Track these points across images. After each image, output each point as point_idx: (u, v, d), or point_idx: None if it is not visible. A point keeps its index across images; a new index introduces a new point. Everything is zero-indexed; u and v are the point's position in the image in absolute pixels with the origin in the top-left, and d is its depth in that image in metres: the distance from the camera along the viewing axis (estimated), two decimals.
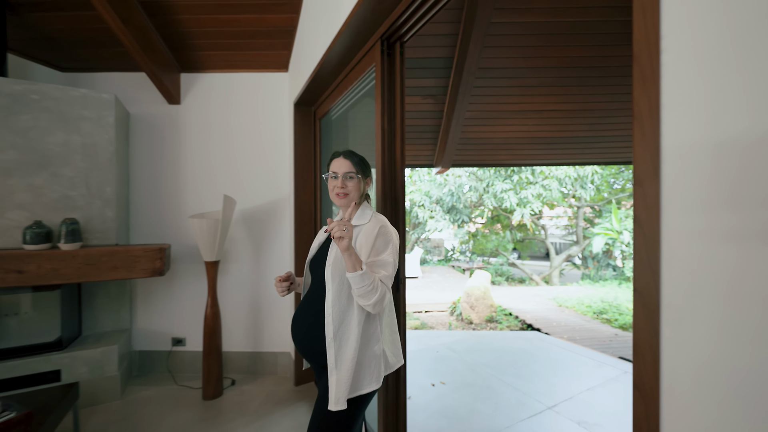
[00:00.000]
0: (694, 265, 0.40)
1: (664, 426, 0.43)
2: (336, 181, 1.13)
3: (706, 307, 0.39)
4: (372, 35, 1.51)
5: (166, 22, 2.31)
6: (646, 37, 0.44)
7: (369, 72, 1.61)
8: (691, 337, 0.41)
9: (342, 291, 1.04)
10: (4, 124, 2.00)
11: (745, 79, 0.35)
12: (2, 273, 1.83)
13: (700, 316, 0.40)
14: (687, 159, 0.40)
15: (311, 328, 1.10)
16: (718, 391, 0.38)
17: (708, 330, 0.39)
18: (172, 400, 2.27)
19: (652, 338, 0.43)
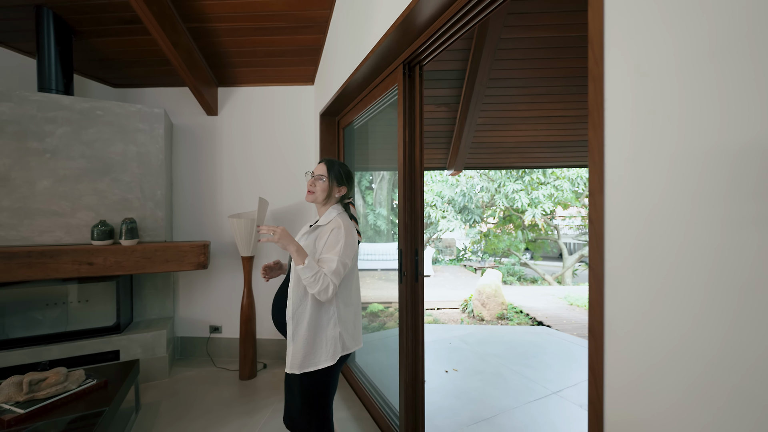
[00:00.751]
0: (623, 252, 0.62)
1: (607, 355, 0.64)
2: (308, 179, 1.39)
3: (629, 278, 0.61)
4: (395, 60, 1.74)
5: (208, 44, 2.60)
6: (596, 100, 0.65)
7: (390, 91, 1.85)
8: (621, 297, 0.62)
9: (300, 280, 1.27)
10: (75, 136, 2.32)
11: (649, 136, 0.57)
12: (77, 264, 2.14)
13: (626, 284, 0.61)
14: (618, 180, 0.62)
15: (281, 306, 1.34)
16: (637, 330, 0.59)
17: (631, 292, 0.61)
18: (213, 380, 2.56)
19: (600, 298, 0.65)
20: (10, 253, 2.01)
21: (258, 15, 2.38)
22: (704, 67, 0.51)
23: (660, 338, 0.57)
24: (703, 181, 0.52)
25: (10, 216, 2.17)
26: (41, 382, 1.63)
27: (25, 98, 2.21)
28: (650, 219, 0.58)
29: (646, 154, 0.58)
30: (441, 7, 1.30)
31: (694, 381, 0.53)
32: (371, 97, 2.07)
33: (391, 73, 1.80)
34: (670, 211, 0.56)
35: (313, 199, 1.37)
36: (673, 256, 0.55)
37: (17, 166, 2.19)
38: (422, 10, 1.32)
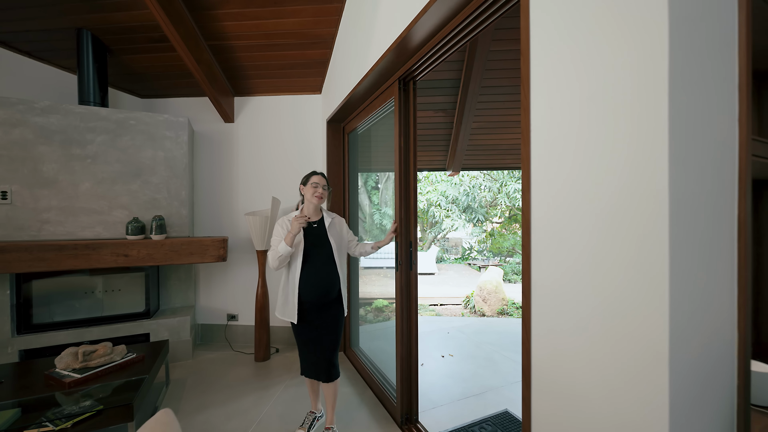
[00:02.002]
0: (542, 239, 0.86)
1: (534, 308, 0.88)
2: (318, 189, 1.82)
3: (545, 254, 0.85)
4: (392, 76, 1.99)
5: (226, 59, 2.89)
6: (525, 123, 0.89)
7: (389, 102, 2.10)
8: (541, 267, 0.86)
9: (342, 258, 1.86)
10: (111, 144, 2.62)
11: (556, 148, 0.81)
12: (115, 256, 2.45)
13: (545, 258, 0.85)
14: (538, 180, 0.86)
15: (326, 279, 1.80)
16: (551, 288, 0.83)
17: (547, 264, 0.85)
18: (231, 361, 2.84)
19: (528, 267, 0.89)
20: (60, 245, 2.31)
21: (271, 33, 2.66)
22: (583, 104, 0.76)
23: (561, 293, 0.81)
24: (582, 181, 0.76)
25: (57, 214, 2.48)
26: (92, 353, 1.92)
27: (70, 110, 2.52)
28: (554, 206, 0.82)
29: (555, 160, 0.83)
30: (431, 32, 1.55)
31: (580, 329, 0.77)
32: (372, 107, 2.33)
33: (388, 88, 2.05)
34: (565, 203, 0.80)
35: (322, 203, 1.87)
36: (567, 237, 0.79)
37: (64, 170, 2.50)
38: (415, 34, 1.56)
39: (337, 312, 1.84)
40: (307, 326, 1.80)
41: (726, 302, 0.75)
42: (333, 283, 1.82)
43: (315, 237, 1.83)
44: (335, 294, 1.83)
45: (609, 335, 0.72)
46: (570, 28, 0.79)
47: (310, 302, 1.78)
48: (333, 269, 1.82)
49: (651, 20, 0.65)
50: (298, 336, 1.86)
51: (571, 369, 0.80)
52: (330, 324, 1.81)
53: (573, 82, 0.78)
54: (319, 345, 1.81)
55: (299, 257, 1.79)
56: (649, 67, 0.66)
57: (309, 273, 1.78)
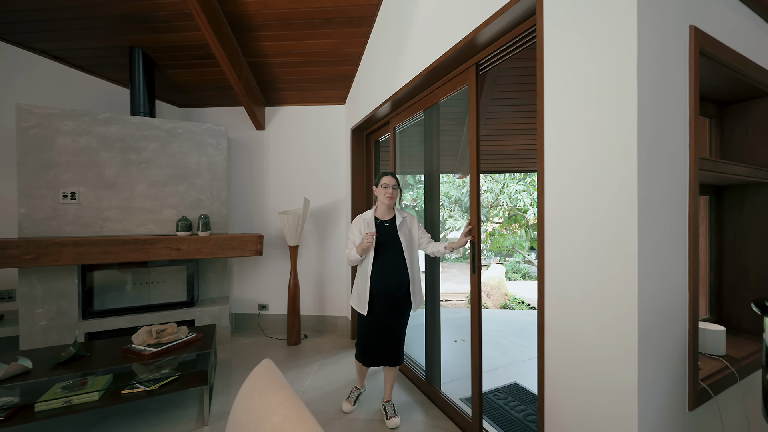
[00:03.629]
0: (552, 229, 1.19)
1: (546, 279, 1.22)
2: (389, 189, 1.96)
3: (554, 239, 1.18)
4: (419, 94, 2.31)
5: (261, 73, 3.21)
6: (540, 145, 1.22)
7: (418, 114, 2.42)
8: (551, 250, 1.19)
9: (412, 256, 1.98)
10: (162, 150, 2.94)
11: (562, 164, 1.14)
12: (169, 250, 2.77)
13: (554, 241, 1.18)
14: (550, 186, 1.19)
15: (396, 275, 1.94)
16: (556, 265, 1.17)
17: (555, 247, 1.18)
18: (266, 345, 3.17)
19: (542, 250, 1.22)
20: (123, 240, 2.63)
21: (305, 52, 2.99)
22: (584, 133, 1.09)
23: (564, 270, 1.14)
24: (580, 187, 1.09)
25: (117, 212, 2.81)
26: (163, 332, 2.24)
27: (128, 121, 2.84)
28: (560, 206, 1.15)
29: (562, 172, 1.16)
30: (452, 65, 1.87)
31: (579, 291, 1.10)
32: (395, 120, 2.66)
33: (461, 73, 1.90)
34: (568, 203, 1.13)
35: (393, 203, 1.99)
36: (570, 227, 1.12)
37: (122, 174, 2.82)
38: (438, 67, 1.89)
39: (406, 306, 1.96)
40: (375, 318, 1.93)
41: (680, 276, 1.09)
42: (402, 279, 1.93)
43: (386, 235, 1.95)
44: (404, 290, 1.93)
45: (598, 294, 1.05)
46: (573, 81, 1.12)
47: (379, 296, 1.92)
48: (403, 266, 1.93)
49: (626, 81, 0.98)
50: (366, 326, 1.96)
51: (572, 319, 1.13)
52: (398, 317, 1.95)
53: (573, 119, 1.12)
54: (386, 336, 1.94)
55: (371, 254, 1.94)
56: (624, 113, 0.99)
57: (379, 269, 1.92)
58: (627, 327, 0.98)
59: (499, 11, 1.40)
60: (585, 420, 1.10)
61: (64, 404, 1.73)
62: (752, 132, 1.58)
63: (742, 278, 1.60)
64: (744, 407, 1.30)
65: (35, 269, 2.57)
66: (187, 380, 2.00)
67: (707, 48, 1.15)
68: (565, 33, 1.15)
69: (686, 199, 1.10)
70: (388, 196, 1.94)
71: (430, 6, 1.95)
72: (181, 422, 2.00)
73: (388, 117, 2.75)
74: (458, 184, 9.37)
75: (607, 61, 1.03)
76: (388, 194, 1.94)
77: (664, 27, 1.04)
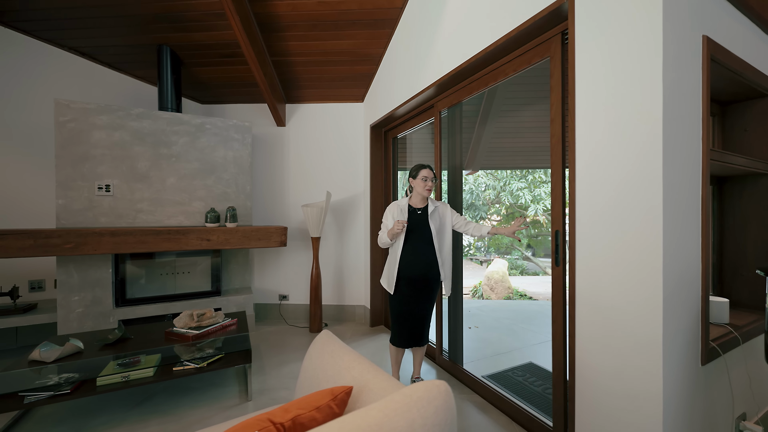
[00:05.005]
0: (586, 238, 1.36)
1: (577, 252, 1.39)
2: (428, 182, 2.08)
3: (584, 230, 1.35)
4: (430, 101, 2.47)
5: (285, 71, 3.34)
6: (572, 141, 1.40)
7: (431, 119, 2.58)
8: (581, 239, 1.37)
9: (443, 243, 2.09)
10: (192, 145, 3.06)
11: (589, 163, 1.31)
12: (199, 240, 2.89)
13: (584, 252, 1.36)
14: (582, 179, 1.36)
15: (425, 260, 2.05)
16: (587, 254, 1.34)
17: (585, 237, 1.35)
18: (289, 332, 3.30)
19: (573, 240, 1.39)
20: (157, 231, 2.75)
21: (328, 52, 3.13)
22: (609, 128, 1.26)
23: (592, 249, 1.31)
24: (607, 171, 1.26)
25: (149, 204, 2.92)
26: (202, 315, 2.37)
27: (159, 116, 2.95)
28: (590, 188, 1.33)
29: (591, 162, 1.33)
30: (474, 72, 2.03)
31: (608, 263, 1.27)
32: (414, 121, 2.81)
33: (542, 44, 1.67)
34: (594, 186, 1.30)
35: (430, 194, 2.08)
36: (598, 219, 1.29)
37: (154, 168, 2.93)
38: (460, 72, 2.05)
39: (434, 289, 2.06)
40: (405, 299, 2.04)
41: (694, 251, 1.26)
42: (431, 264, 2.03)
43: (417, 222, 2.05)
44: (433, 274, 2.03)
45: (624, 260, 1.23)
46: (604, 80, 1.29)
47: (408, 278, 2.02)
48: (431, 251, 2.03)
49: (653, 82, 1.15)
50: (397, 308, 2.07)
51: (602, 287, 1.30)
52: (425, 299, 2.06)
53: (603, 113, 1.29)
54: (415, 317, 2.06)
55: (401, 238, 2.05)
56: (651, 109, 1.16)
57: (408, 252, 2.03)
58: (653, 291, 1.16)
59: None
60: (614, 380, 1.27)
61: (122, 379, 1.86)
62: (750, 129, 1.78)
63: (741, 259, 1.79)
64: (746, 365, 1.50)
65: (72, 259, 2.67)
66: (231, 358, 2.13)
67: (716, 55, 1.34)
68: (596, 38, 1.32)
69: (699, 184, 1.28)
70: (427, 189, 2.03)
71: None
72: (225, 398, 2.13)
73: (433, 101, 2.55)
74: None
75: (636, 64, 1.20)
76: (428, 187, 2.03)
77: (683, 36, 1.21)
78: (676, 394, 1.18)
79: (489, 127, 3.78)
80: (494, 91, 3.49)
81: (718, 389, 1.37)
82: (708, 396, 1.32)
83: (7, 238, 2.33)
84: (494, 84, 1.99)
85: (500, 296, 6.31)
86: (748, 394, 1.53)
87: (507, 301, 4.70)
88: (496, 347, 2.95)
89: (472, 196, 9.25)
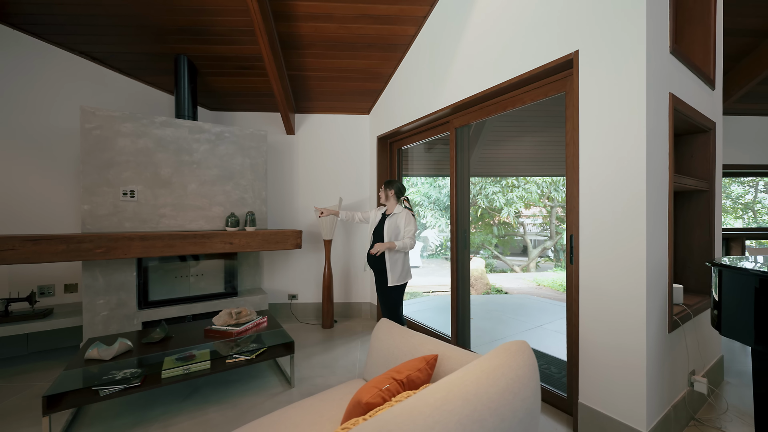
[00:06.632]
0: (588, 241, 1.78)
1: (581, 250, 1.81)
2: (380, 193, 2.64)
3: (586, 225, 1.78)
4: (446, 121, 2.85)
5: (298, 85, 3.56)
6: (576, 158, 1.82)
7: (445, 133, 2.96)
8: (584, 233, 1.79)
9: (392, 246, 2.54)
10: (212, 152, 3.19)
11: (593, 168, 1.74)
12: (223, 243, 3.04)
13: (585, 227, 1.78)
14: (585, 188, 1.78)
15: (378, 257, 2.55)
16: (588, 245, 1.77)
17: (587, 230, 1.78)
18: (304, 329, 3.52)
19: (576, 233, 1.82)
20: (183, 235, 2.87)
21: (342, 69, 3.40)
22: (607, 152, 1.69)
23: (593, 248, 1.74)
24: (605, 184, 1.69)
25: (171, 209, 3.02)
26: (239, 313, 2.56)
27: (181, 124, 3.06)
28: (592, 196, 1.76)
29: (592, 175, 1.75)
30: (479, 101, 2.43)
31: (602, 251, 1.70)
32: (424, 135, 3.17)
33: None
34: (595, 199, 1.73)
35: (384, 202, 2.69)
36: (597, 212, 1.72)
37: (176, 174, 3.03)
38: (469, 101, 2.44)
39: (385, 280, 2.55)
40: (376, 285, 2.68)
41: (663, 251, 1.73)
42: (381, 260, 2.55)
43: (381, 224, 2.63)
44: (382, 267, 2.55)
45: (618, 257, 1.66)
46: (605, 120, 1.72)
47: (372, 269, 2.66)
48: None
49: (639, 124, 1.59)
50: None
51: (598, 276, 1.73)
52: (381, 288, 2.60)
53: (601, 145, 1.72)
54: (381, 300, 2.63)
55: (370, 238, 2.68)
56: (638, 144, 1.59)
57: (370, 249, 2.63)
58: (639, 281, 1.60)
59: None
60: (607, 349, 1.70)
61: (184, 372, 2.03)
62: (695, 155, 2.33)
63: (689, 255, 2.34)
64: (695, 333, 2.01)
65: (98, 263, 2.72)
66: (275, 350, 2.36)
67: (677, 105, 1.82)
68: (598, 87, 1.75)
69: (666, 200, 1.75)
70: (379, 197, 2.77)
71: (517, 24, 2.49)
72: (268, 387, 2.35)
73: (449, 118, 2.88)
74: (438, 186, 10.11)
75: (625, 110, 1.63)
76: (379, 195, 2.76)
77: (657, 92, 1.67)
78: (653, 353, 1.63)
79: (483, 138, 4.23)
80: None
81: (678, 351, 1.86)
82: (672, 356, 1.80)
83: (40, 243, 2.36)
84: (511, 109, 2.34)
85: (479, 292, 6.86)
86: (696, 355, 2.05)
87: (492, 296, 5.21)
88: (492, 334, 3.39)
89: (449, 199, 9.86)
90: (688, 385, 1.95)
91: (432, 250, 15.41)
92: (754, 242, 5.92)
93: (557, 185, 9.19)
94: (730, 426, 1.89)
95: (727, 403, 2.11)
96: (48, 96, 3.02)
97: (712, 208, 2.27)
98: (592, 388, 1.77)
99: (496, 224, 11.48)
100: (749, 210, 9.74)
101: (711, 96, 2.27)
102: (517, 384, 0.92)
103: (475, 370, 0.93)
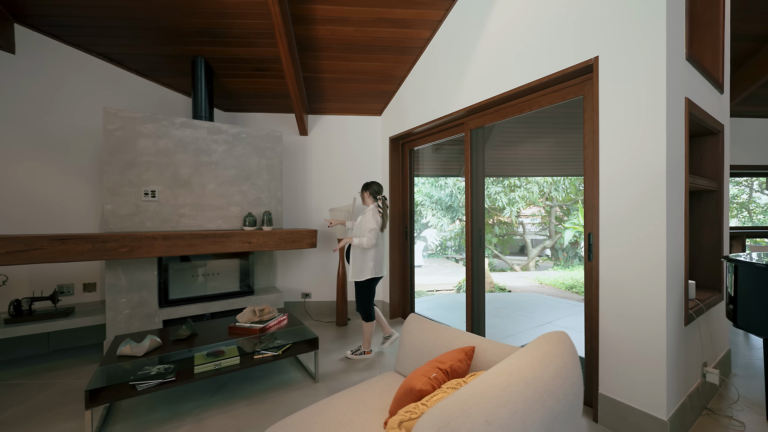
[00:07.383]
0: (607, 238, 1.87)
1: (601, 243, 1.89)
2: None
3: (606, 220, 1.86)
4: (461, 121, 2.92)
5: (312, 86, 3.62)
6: (596, 157, 1.90)
7: (459, 135, 3.03)
8: (603, 227, 1.87)
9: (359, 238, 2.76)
10: (229, 153, 3.24)
11: (612, 164, 1.82)
12: (242, 243, 3.08)
13: (604, 221, 1.87)
14: (604, 180, 1.86)
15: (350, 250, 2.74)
16: (607, 239, 1.85)
17: (606, 225, 1.86)
18: (319, 326, 3.58)
19: (597, 230, 1.90)
20: (204, 234, 2.91)
21: (356, 71, 3.46)
22: (629, 158, 1.78)
23: (613, 243, 1.82)
24: (624, 187, 1.77)
25: (190, 209, 3.06)
26: (262, 311, 2.61)
27: (199, 125, 3.10)
28: (609, 198, 1.84)
29: (611, 170, 1.83)
30: (495, 104, 2.51)
31: (621, 247, 1.79)
32: (437, 136, 3.25)
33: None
34: (615, 198, 1.81)
35: (362, 202, 2.92)
36: (616, 211, 1.81)
37: (195, 174, 3.08)
38: (483, 104, 2.52)
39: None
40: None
41: (680, 248, 1.81)
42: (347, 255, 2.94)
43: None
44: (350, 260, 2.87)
45: (638, 253, 1.74)
46: (623, 124, 1.80)
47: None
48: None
49: (659, 128, 1.67)
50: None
51: (618, 272, 1.81)
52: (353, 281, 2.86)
53: (619, 147, 1.80)
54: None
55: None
56: (658, 146, 1.68)
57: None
58: (660, 276, 1.68)
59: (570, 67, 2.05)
60: (627, 342, 1.78)
61: (215, 367, 2.08)
62: (705, 157, 2.42)
63: (699, 252, 2.43)
64: (708, 327, 2.10)
65: (120, 262, 2.76)
66: (299, 347, 2.41)
67: (692, 109, 1.91)
68: (617, 91, 1.83)
69: (683, 199, 1.83)
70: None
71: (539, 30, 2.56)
72: (294, 382, 2.41)
73: (464, 119, 2.94)
74: (440, 185, 10.20)
75: (645, 114, 1.72)
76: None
77: (675, 97, 1.75)
78: (672, 345, 1.71)
79: (493, 139, 4.32)
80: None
81: (693, 343, 1.95)
82: (687, 348, 1.88)
83: (67, 242, 2.40)
84: (528, 112, 2.42)
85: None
86: (709, 347, 2.15)
87: (498, 294, 5.30)
88: (502, 331, 3.47)
89: (451, 198, 9.93)
90: (701, 376, 2.04)
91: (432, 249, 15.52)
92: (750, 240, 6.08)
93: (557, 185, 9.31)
94: (741, 415, 1.98)
95: (738, 392, 2.21)
96: (66, 96, 3.05)
97: (721, 207, 2.36)
98: (611, 380, 1.85)
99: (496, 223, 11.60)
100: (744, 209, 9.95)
101: (720, 99, 2.36)
102: (565, 369, 1.00)
103: (526, 356, 1.00)
